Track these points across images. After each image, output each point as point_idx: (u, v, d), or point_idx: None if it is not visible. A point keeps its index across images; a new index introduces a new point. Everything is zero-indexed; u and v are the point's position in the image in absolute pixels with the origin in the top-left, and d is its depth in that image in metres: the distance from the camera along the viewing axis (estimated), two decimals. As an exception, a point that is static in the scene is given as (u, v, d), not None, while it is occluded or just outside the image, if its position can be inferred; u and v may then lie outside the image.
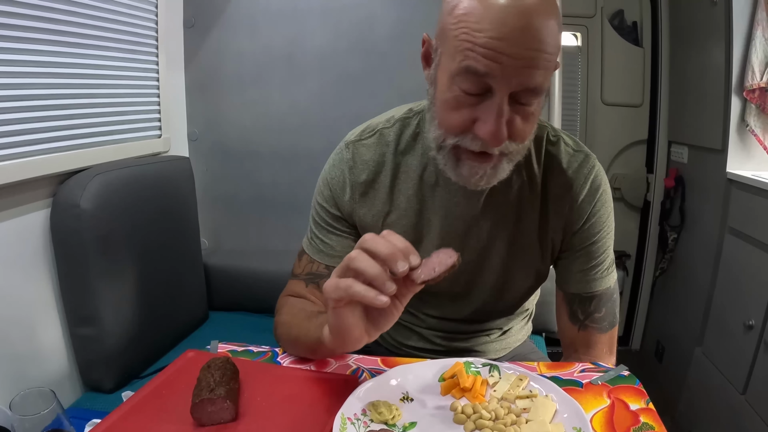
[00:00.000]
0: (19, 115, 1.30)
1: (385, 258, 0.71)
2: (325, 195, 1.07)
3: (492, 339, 1.20)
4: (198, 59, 2.07)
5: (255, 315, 1.96)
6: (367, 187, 1.04)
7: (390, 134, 1.04)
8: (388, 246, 0.72)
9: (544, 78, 0.79)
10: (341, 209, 1.06)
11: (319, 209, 1.08)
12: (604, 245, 1.02)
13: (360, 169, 1.04)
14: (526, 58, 0.75)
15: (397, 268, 0.71)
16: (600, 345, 1.04)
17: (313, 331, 0.89)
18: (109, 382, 1.45)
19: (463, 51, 0.78)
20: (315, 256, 1.08)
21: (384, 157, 1.03)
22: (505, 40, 0.74)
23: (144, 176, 1.61)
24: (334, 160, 1.07)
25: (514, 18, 0.74)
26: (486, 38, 0.75)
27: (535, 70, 0.77)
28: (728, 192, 2.12)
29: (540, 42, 0.75)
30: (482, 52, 0.75)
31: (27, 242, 1.35)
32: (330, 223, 1.07)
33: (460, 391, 0.83)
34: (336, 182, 1.05)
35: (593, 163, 1.00)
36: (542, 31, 0.75)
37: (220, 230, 2.20)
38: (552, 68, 0.80)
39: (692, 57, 2.44)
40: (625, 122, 2.86)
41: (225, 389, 0.75)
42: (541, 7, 0.76)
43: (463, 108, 0.82)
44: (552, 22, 0.77)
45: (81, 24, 1.47)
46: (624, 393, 0.85)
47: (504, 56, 0.75)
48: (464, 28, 0.77)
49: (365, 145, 1.04)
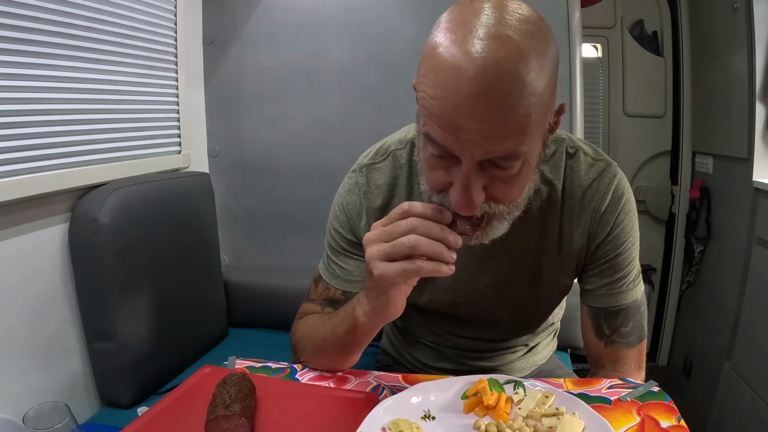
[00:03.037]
0: (40, 130, 1.31)
1: (442, 239, 0.73)
2: (341, 220, 1.05)
3: (517, 357, 1.17)
4: (217, 75, 2.08)
5: (275, 332, 1.94)
6: (383, 213, 1.01)
7: (403, 156, 1.01)
8: (434, 226, 0.73)
9: (518, 143, 0.68)
10: (357, 235, 1.04)
11: (335, 234, 1.06)
12: (630, 256, 0.98)
13: (375, 195, 1.02)
14: (487, 129, 0.66)
15: (453, 242, 0.73)
16: (628, 360, 1.00)
17: (342, 322, 0.91)
18: (127, 397, 1.44)
19: (423, 117, 0.72)
20: (332, 282, 1.05)
21: (397, 180, 1.01)
22: (459, 109, 0.65)
23: (163, 192, 1.61)
24: (348, 185, 1.05)
25: (468, 83, 0.64)
26: (439, 107, 0.67)
27: (500, 140, 0.67)
28: (755, 202, 2.07)
29: (505, 109, 0.65)
30: (437, 122, 0.68)
31: (45, 256, 1.36)
32: (346, 249, 1.05)
33: (483, 409, 0.81)
34: (352, 208, 1.03)
35: (614, 171, 0.96)
36: (510, 95, 0.64)
37: (241, 246, 2.19)
38: (532, 129, 0.69)
39: (714, 65, 2.41)
40: (648, 133, 2.82)
41: (240, 406, 0.74)
42: (512, 63, 0.64)
43: (438, 169, 0.75)
44: (529, 79, 0.65)
45: (101, 41, 1.48)
46: (654, 410, 0.82)
47: (459, 128, 0.66)
48: (422, 92, 0.70)
49: (378, 168, 1.02)
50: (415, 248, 0.72)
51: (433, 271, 0.72)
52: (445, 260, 0.72)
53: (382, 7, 1.96)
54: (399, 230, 0.74)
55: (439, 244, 0.72)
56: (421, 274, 0.73)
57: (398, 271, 0.73)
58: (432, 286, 1.05)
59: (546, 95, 0.69)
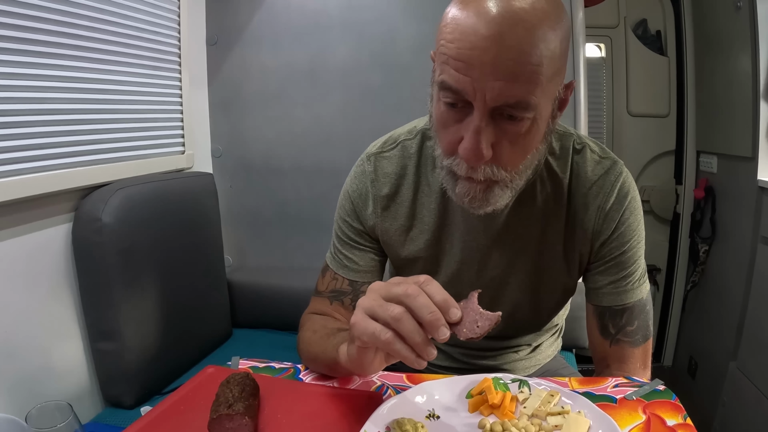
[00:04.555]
0: (44, 129, 1.32)
1: (428, 323, 0.65)
2: (347, 209, 1.05)
3: (521, 356, 1.16)
4: (221, 76, 2.08)
5: (279, 332, 1.94)
6: (390, 201, 1.02)
7: (412, 146, 1.02)
8: (430, 308, 0.66)
9: (528, 92, 0.72)
10: (364, 223, 1.04)
11: (341, 224, 1.07)
12: (635, 255, 0.98)
13: (382, 183, 1.02)
14: (501, 69, 0.69)
15: (439, 335, 0.66)
16: (633, 359, 1.00)
17: (331, 350, 0.87)
18: (130, 397, 1.44)
19: (439, 66, 0.75)
20: (339, 272, 1.06)
21: (406, 169, 1.01)
22: (476, 50, 0.69)
23: (167, 192, 1.61)
24: (355, 172, 1.05)
25: (487, 26, 0.69)
26: (456, 49, 0.71)
27: (513, 83, 0.70)
28: (760, 201, 2.06)
29: (519, 52, 0.69)
30: (454, 65, 0.72)
31: (49, 255, 1.36)
32: (353, 238, 1.05)
33: (488, 408, 0.80)
34: (358, 195, 1.03)
35: (620, 169, 0.96)
36: (524, 40, 0.69)
37: (244, 247, 2.19)
38: (543, 82, 0.72)
39: (718, 64, 2.40)
40: (652, 133, 2.82)
41: (244, 405, 0.73)
42: (527, 13, 0.69)
43: (450, 125, 0.78)
44: (542, 31, 0.70)
45: (105, 41, 1.49)
46: (660, 408, 0.81)
47: (474, 68, 0.70)
48: (443, 39, 0.74)
49: (387, 157, 1.02)
50: (396, 321, 0.66)
51: (401, 355, 0.66)
52: (418, 351, 0.66)
53: (386, 8, 1.96)
54: (395, 292, 0.68)
55: (423, 334, 0.66)
56: (389, 350, 0.67)
57: (368, 331, 0.68)
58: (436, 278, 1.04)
59: (557, 54, 0.74)
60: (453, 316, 0.67)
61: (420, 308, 0.66)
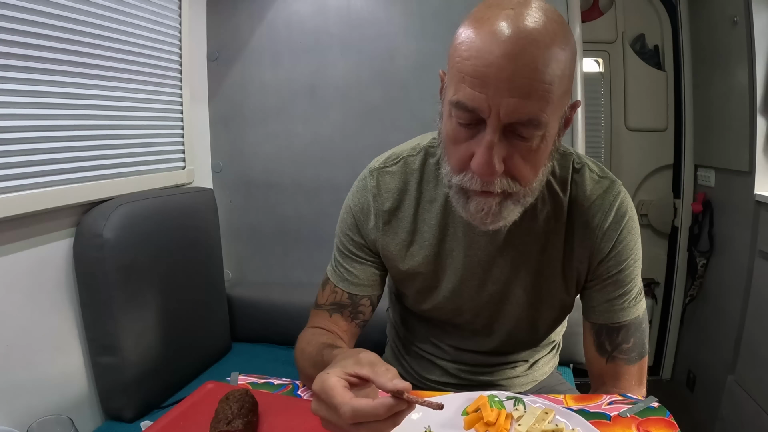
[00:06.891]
0: (45, 145, 1.32)
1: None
2: (348, 223, 1.07)
3: (518, 372, 1.17)
4: (222, 92, 2.10)
5: (278, 347, 1.94)
6: (391, 216, 1.03)
7: (415, 162, 1.03)
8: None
9: (540, 110, 0.74)
10: (365, 237, 1.05)
11: (342, 237, 1.08)
12: (632, 273, 0.99)
13: (384, 197, 1.03)
14: (515, 87, 0.72)
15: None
16: (629, 377, 1.00)
17: (313, 370, 0.83)
18: (130, 411, 1.44)
19: (456, 83, 0.77)
20: (339, 285, 1.07)
21: (408, 185, 1.03)
22: (492, 67, 0.72)
23: (167, 207, 1.62)
24: (358, 187, 1.07)
25: (503, 45, 0.72)
26: (473, 66, 0.74)
27: (526, 100, 0.73)
28: (757, 215, 2.07)
29: (533, 70, 0.72)
30: (470, 82, 0.74)
31: (50, 271, 1.37)
32: (354, 252, 1.07)
33: (483, 426, 0.81)
34: (360, 210, 1.05)
35: (618, 189, 0.98)
36: (537, 59, 0.72)
37: (244, 262, 2.20)
38: (554, 101, 0.75)
39: (715, 78, 2.42)
40: (650, 147, 2.83)
41: (243, 422, 0.74)
42: (540, 34, 0.72)
43: (461, 142, 0.80)
44: (553, 51, 0.73)
45: (106, 57, 1.50)
46: (654, 425, 0.82)
47: (490, 85, 0.72)
48: (458, 57, 0.77)
49: (389, 172, 1.04)
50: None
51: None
52: None
53: (386, 25, 1.98)
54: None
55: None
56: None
57: (324, 420, 0.69)
58: (436, 292, 1.06)
59: (567, 74, 0.77)
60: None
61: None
